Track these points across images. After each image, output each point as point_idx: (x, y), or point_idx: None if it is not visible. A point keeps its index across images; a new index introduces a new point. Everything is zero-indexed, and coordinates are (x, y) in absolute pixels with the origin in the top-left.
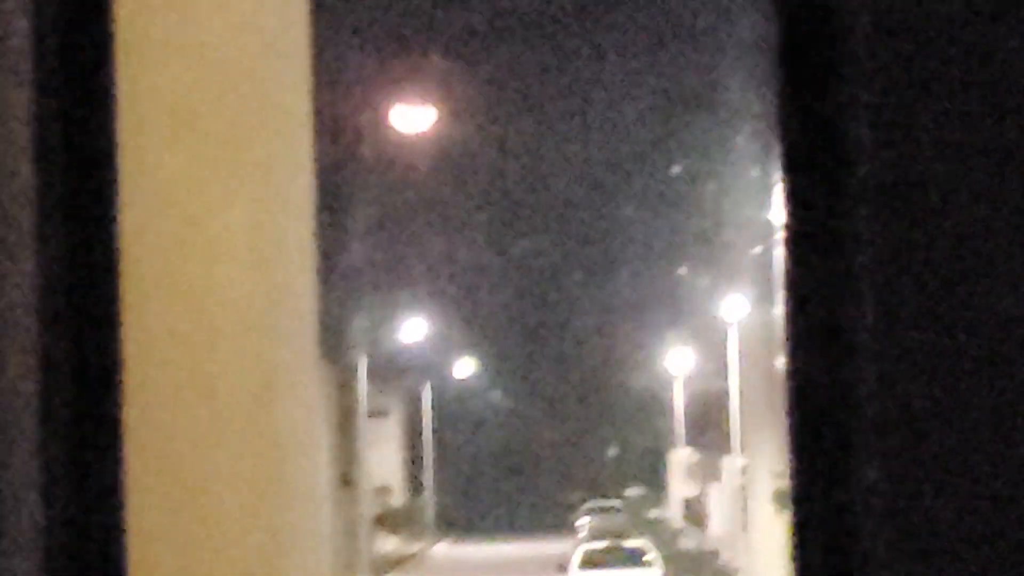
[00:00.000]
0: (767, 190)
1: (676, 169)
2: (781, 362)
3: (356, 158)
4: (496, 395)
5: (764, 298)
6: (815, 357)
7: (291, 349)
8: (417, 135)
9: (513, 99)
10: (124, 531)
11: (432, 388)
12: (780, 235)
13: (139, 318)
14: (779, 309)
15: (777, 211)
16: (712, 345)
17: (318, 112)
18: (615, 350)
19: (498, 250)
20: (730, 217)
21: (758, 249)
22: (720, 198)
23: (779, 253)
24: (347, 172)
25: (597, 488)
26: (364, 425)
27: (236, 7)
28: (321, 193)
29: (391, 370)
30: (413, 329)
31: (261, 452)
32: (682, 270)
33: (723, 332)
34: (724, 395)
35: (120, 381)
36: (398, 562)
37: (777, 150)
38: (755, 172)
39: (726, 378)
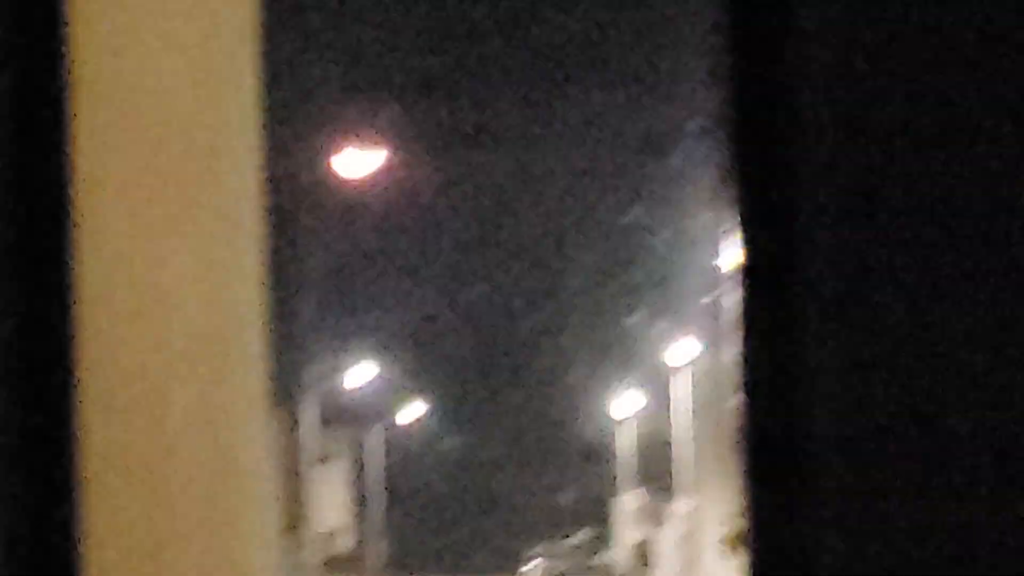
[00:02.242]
0: (718, 239)
1: (628, 217)
2: (731, 406)
3: (306, 202)
4: (447, 439)
5: (715, 344)
6: (768, 395)
7: (242, 393)
8: (366, 178)
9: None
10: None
11: (383, 431)
12: (730, 282)
13: (90, 361)
14: (729, 355)
15: (727, 259)
16: (663, 390)
17: (266, 159)
18: (567, 396)
19: (450, 295)
20: (681, 265)
21: (708, 298)
22: (672, 246)
23: (728, 300)
24: (296, 216)
25: (547, 532)
26: (313, 469)
27: (186, 46)
28: (271, 237)
29: (341, 414)
30: (364, 373)
31: (212, 496)
32: (633, 319)
33: (673, 377)
34: (674, 439)
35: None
36: None
37: (730, 197)
38: (707, 220)
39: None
